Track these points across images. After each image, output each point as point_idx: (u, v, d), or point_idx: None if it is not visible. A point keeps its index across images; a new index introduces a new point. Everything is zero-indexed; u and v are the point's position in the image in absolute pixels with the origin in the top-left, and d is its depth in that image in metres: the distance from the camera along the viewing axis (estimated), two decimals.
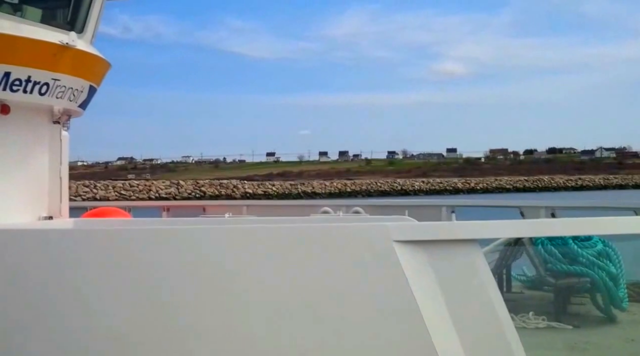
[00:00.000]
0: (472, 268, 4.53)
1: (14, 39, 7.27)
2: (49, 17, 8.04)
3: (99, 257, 5.12)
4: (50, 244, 5.35)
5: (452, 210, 9.85)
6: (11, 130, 7.67)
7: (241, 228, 5.35)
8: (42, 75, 7.59)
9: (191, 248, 4.98)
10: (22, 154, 7.89)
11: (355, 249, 4.65)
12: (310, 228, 5.15)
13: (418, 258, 4.54)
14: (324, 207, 9.73)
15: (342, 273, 4.64)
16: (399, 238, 4.56)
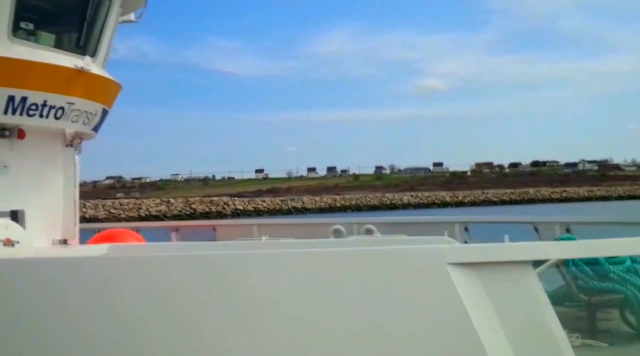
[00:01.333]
0: (527, 290, 4.45)
1: (30, 64, 7.27)
2: (62, 42, 8.15)
3: (149, 284, 4.97)
4: (98, 272, 5.17)
5: (466, 226, 9.72)
6: (27, 155, 7.60)
7: (294, 254, 5.23)
8: (58, 100, 7.55)
9: (243, 274, 4.84)
10: (37, 178, 7.78)
11: (408, 272, 4.58)
12: (364, 252, 5.04)
13: (472, 280, 4.45)
14: (335, 225, 9.57)
15: (396, 296, 4.54)
16: (453, 261, 4.49)
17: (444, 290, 4.43)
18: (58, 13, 8.46)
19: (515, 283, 4.46)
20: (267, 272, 4.81)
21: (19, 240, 6.26)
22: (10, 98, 7.17)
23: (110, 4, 8.41)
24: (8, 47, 7.18)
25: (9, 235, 6.14)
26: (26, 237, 6.52)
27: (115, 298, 4.97)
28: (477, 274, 4.47)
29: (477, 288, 4.44)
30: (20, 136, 7.50)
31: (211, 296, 4.80)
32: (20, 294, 5.13)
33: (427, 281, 4.53)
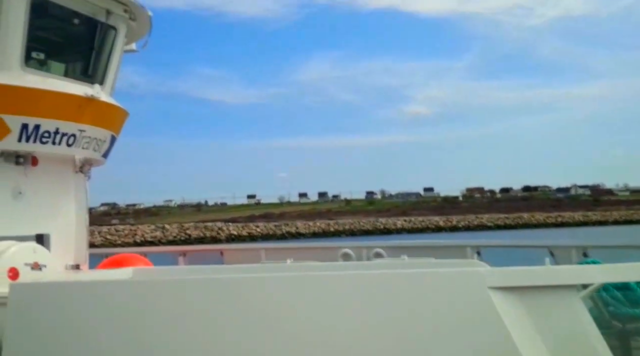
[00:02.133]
0: (574, 315, 4.33)
1: (42, 92, 7.43)
2: (71, 71, 8.38)
3: (180, 307, 4.94)
4: (130, 296, 5.15)
5: (478, 251, 9.50)
6: (40, 181, 7.69)
7: (326, 277, 5.16)
8: (69, 127, 7.72)
9: (285, 296, 4.78)
10: (50, 204, 7.89)
11: (449, 296, 4.48)
12: (401, 275, 4.94)
13: (515, 304, 4.35)
14: (344, 249, 9.49)
15: (437, 320, 4.45)
16: (494, 284, 4.39)
17: (486, 314, 4.32)
18: (67, 43, 8.61)
19: (561, 308, 4.33)
20: (311, 294, 4.75)
21: (46, 263, 6.20)
22: (24, 126, 7.27)
23: (116, 33, 8.62)
24: (21, 77, 7.33)
25: (37, 258, 6.10)
26: (53, 260, 6.49)
27: (154, 320, 4.96)
28: (520, 298, 4.36)
29: (520, 313, 4.32)
30: (34, 163, 7.61)
31: (250, 320, 4.74)
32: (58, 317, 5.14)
33: (468, 305, 4.42)
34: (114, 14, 8.41)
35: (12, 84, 7.17)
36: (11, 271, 5.84)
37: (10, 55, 7.23)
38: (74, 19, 8.13)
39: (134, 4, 8.67)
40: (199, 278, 5.53)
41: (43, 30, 7.83)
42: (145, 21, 9.19)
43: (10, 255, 5.88)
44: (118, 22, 8.57)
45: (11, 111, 7.17)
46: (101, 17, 8.28)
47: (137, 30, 9.30)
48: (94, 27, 8.29)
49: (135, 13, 8.83)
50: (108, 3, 8.30)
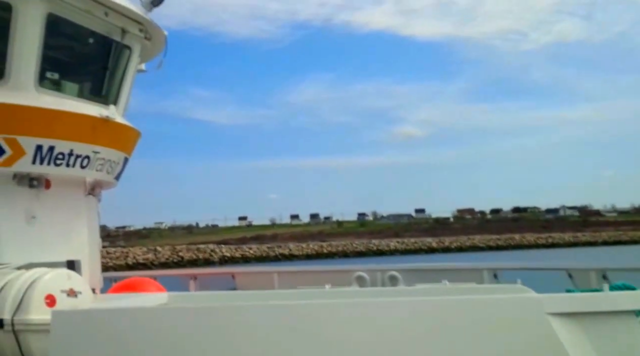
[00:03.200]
0: (633, 339, 4.34)
1: (57, 113, 7.22)
2: (85, 91, 8.13)
3: (224, 333, 4.87)
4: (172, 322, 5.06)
5: (495, 273, 9.39)
6: (52, 205, 7.46)
7: (376, 303, 5.10)
8: (84, 149, 7.51)
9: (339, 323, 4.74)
10: (63, 228, 7.68)
11: (508, 322, 4.45)
12: (464, 301, 4.85)
13: (574, 330, 4.33)
14: (358, 272, 9.32)
15: (498, 346, 4.42)
16: (553, 311, 4.38)
17: (546, 340, 4.30)
18: (81, 63, 8.45)
19: (621, 333, 4.33)
20: (376, 321, 4.71)
21: (81, 290, 6.16)
22: (38, 147, 7.08)
23: (130, 52, 8.48)
24: (35, 97, 7.16)
25: (72, 285, 6.03)
26: (86, 287, 6.41)
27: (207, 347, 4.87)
28: (580, 324, 4.34)
29: (579, 339, 4.31)
30: (47, 186, 7.42)
31: (318, 347, 4.69)
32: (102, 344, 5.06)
33: (528, 331, 4.40)
34: (130, 33, 8.24)
35: (26, 104, 6.97)
36: (48, 298, 5.73)
37: (24, 75, 7.05)
38: (89, 38, 7.99)
39: (150, 23, 8.47)
40: (264, 304, 5.35)
41: (58, 49, 7.65)
42: (160, 41, 8.96)
43: (47, 282, 5.78)
44: (133, 42, 8.40)
45: (25, 132, 6.96)
46: (116, 37, 8.11)
47: (150, 50, 9.07)
48: (109, 46, 8.11)
49: (150, 32, 8.65)
50: (124, 22, 8.13)
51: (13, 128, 6.88)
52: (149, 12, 8.37)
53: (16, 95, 6.94)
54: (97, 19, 7.77)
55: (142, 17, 8.32)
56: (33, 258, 6.57)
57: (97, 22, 7.81)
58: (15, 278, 5.61)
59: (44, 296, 5.64)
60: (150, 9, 8.35)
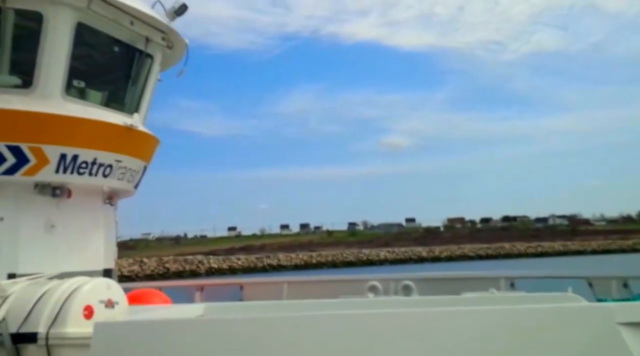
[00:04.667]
0: None
1: (83, 121, 7.21)
2: (108, 100, 8.14)
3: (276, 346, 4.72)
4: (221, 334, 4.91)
5: (512, 282, 9.27)
6: (71, 214, 7.40)
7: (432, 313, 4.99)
8: (107, 157, 7.50)
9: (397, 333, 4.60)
10: (81, 237, 7.60)
11: (577, 332, 4.34)
12: (531, 311, 4.73)
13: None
14: (371, 282, 9.17)
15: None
16: (624, 320, 4.27)
17: (617, 351, 4.21)
18: (105, 71, 8.42)
19: None
20: (437, 331, 4.56)
21: (118, 301, 5.91)
22: (62, 156, 7.02)
23: (152, 61, 8.47)
24: (62, 106, 7.11)
25: (111, 295, 5.76)
26: (123, 297, 6.15)
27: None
28: None
29: None
30: (68, 195, 7.33)
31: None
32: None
33: (598, 341, 4.30)
34: (153, 42, 8.28)
35: (53, 112, 6.94)
36: (86, 309, 5.45)
37: (52, 84, 7.05)
38: (115, 47, 8.02)
39: (172, 31, 8.51)
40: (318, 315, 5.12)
41: (84, 58, 7.66)
42: (181, 49, 8.99)
43: (86, 292, 5.50)
44: (155, 50, 8.44)
45: (50, 141, 6.92)
46: (140, 45, 8.14)
47: (170, 59, 9.09)
48: (133, 55, 8.16)
49: (172, 41, 8.67)
50: (148, 30, 8.15)
51: (38, 137, 6.85)
52: (172, 21, 8.43)
53: (43, 103, 6.94)
54: (122, 28, 7.83)
55: (166, 26, 8.37)
56: (51, 268, 6.44)
57: (122, 30, 7.86)
58: (54, 288, 5.36)
59: (82, 307, 5.38)
60: (173, 18, 8.41)
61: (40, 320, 5.31)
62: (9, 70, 7.07)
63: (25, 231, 6.94)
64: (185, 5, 8.43)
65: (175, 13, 8.38)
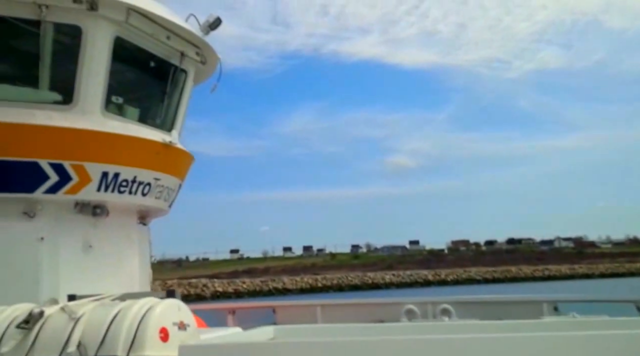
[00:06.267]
0: None
1: (123, 138, 7.10)
2: (144, 116, 7.98)
3: None
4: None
5: (555, 306, 8.88)
6: (108, 233, 7.23)
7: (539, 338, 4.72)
8: (146, 175, 7.38)
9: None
10: (116, 258, 7.45)
11: None
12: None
13: None
14: (407, 305, 8.93)
15: None
16: None
17: None
18: (142, 87, 8.37)
19: None
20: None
21: (189, 323, 5.67)
22: (104, 174, 6.90)
23: (186, 76, 8.37)
24: (102, 122, 6.98)
25: (182, 317, 5.51)
26: (193, 319, 5.92)
27: None
28: None
29: None
30: (107, 214, 7.20)
31: None
32: None
33: None
34: (187, 57, 8.16)
35: (94, 129, 6.82)
36: (162, 331, 5.21)
37: (92, 100, 6.92)
38: (151, 62, 7.87)
39: (207, 46, 8.36)
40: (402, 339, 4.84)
41: (121, 73, 7.55)
42: (213, 65, 8.82)
43: (160, 314, 5.28)
44: (189, 66, 8.34)
45: (92, 158, 6.79)
46: (175, 60, 8.04)
47: (201, 74, 8.92)
48: (168, 70, 8.03)
49: (206, 56, 8.51)
50: (183, 45, 8.05)
51: (80, 155, 6.73)
52: (206, 36, 8.29)
53: (84, 119, 6.82)
54: (159, 43, 7.72)
55: (201, 41, 8.25)
56: (89, 290, 6.15)
57: (159, 45, 7.76)
58: (126, 309, 5.20)
59: (158, 329, 5.17)
60: (207, 32, 8.28)
61: (117, 343, 5.08)
62: (49, 86, 6.91)
63: (64, 251, 6.79)
64: (220, 19, 8.30)
65: (210, 27, 8.27)
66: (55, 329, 4.76)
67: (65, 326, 4.76)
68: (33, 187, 6.60)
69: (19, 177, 6.56)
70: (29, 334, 4.72)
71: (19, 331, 4.72)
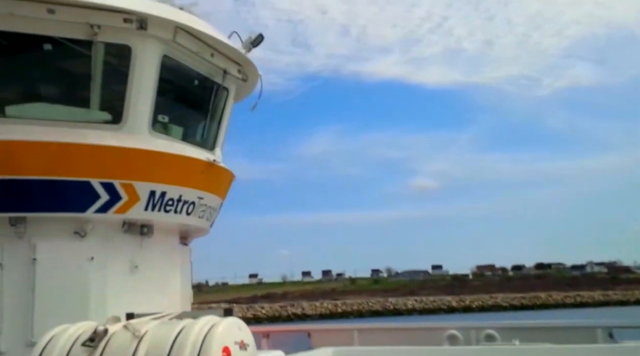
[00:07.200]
0: None
1: (170, 157, 7.14)
2: (188, 134, 8.04)
3: None
4: None
5: (610, 332, 8.53)
6: (152, 254, 7.23)
7: None
8: (191, 194, 7.39)
9: None
10: (159, 278, 7.47)
11: None
12: None
13: None
14: (450, 331, 8.81)
15: None
16: None
17: None
18: (186, 105, 8.37)
19: None
20: None
21: (249, 343, 5.56)
22: (152, 193, 6.97)
23: (228, 94, 8.40)
24: (150, 141, 7.06)
25: (243, 337, 5.43)
26: (252, 339, 5.77)
27: None
28: None
29: None
30: (152, 233, 7.21)
31: None
32: None
33: None
34: (230, 75, 8.22)
35: (142, 148, 6.92)
36: (225, 350, 5.20)
37: (140, 119, 7.00)
38: (195, 80, 8.02)
39: (249, 63, 8.44)
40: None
41: (167, 91, 7.55)
42: (254, 82, 8.89)
43: (222, 333, 5.19)
44: (231, 83, 8.41)
45: (141, 177, 6.89)
46: (218, 78, 8.11)
47: (241, 92, 8.95)
48: (211, 88, 8.11)
49: (247, 73, 8.59)
50: (226, 63, 8.12)
51: (130, 174, 6.84)
52: (247, 52, 8.34)
53: (133, 138, 6.92)
54: (203, 61, 7.79)
55: (244, 58, 8.33)
56: (134, 310, 6.05)
57: (203, 63, 7.83)
58: (188, 327, 5.16)
59: (221, 348, 5.19)
60: (249, 49, 8.34)
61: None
62: (99, 105, 6.97)
63: (112, 271, 6.88)
64: (262, 35, 8.30)
65: (252, 44, 8.30)
66: (120, 347, 4.78)
67: (130, 344, 4.78)
68: (85, 207, 6.65)
69: (71, 196, 6.61)
70: (95, 352, 4.73)
71: (85, 349, 4.74)
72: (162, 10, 7.12)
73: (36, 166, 6.48)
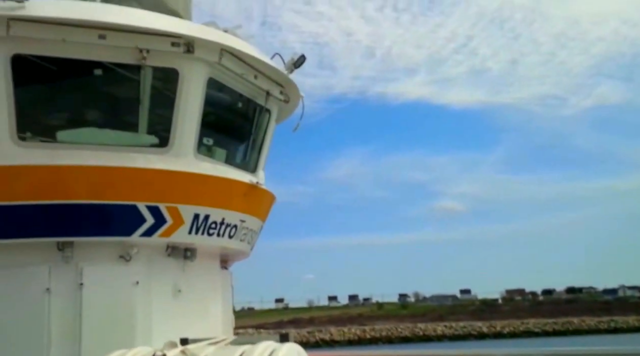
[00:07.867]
0: None
1: (214, 180, 7.10)
2: (230, 157, 7.97)
3: None
4: None
5: None
6: (194, 278, 7.16)
7: None
8: (234, 217, 7.32)
9: None
10: (201, 303, 7.41)
11: None
12: None
13: None
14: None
15: None
16: None
17: None
18: (229, 127, 8.28)
19: None
20: None
21: None
22: (196, 216, 6.91)
23: (270, 116, 8.32)
24: (195, 164, 7.02)
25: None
26: None
27: None
28: None
29: None
30: (194, 257, 7.17)
31: None
32: None
33: None
34: (272, 96, 8.15)
35: (188, 171, 6.88)
36: None
37: (187, 142, 6.98)
38: (238, 102, 7.97)
39: (292, 84, 8.36)
40: None
41: (212, 114, 7.52)
42: (296, 103, 8.77)
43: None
44: (273, 105, 8.32)
45: (185, 200, 6.84)
46: (260, 100, 8.04)
47: (283, 114, 8.84)
48: (253, 110, 8.07)
49: (289, 94, 8.49)
50: (269, 84, 8.05)
51: (175, 197, 6.80)
52: (290, 74, 8.29)
53: (179, 162, 6.91)
54: (247, 83, 7.78)
55: (287, 79, 8.26)
56: (177, 335, 6.18)
57: (246, 85, 7.81)
58: (249, 352, 5.24)
59: None
60: (292, 71, 8.29)
61: None
62: (147, 129, 6.98)
63: (156, 296, 6.80)
64: (304, 56, 8.27)
65: (294, 65, 8.24)
66: None
67: None
68: (131, 230, 6.60)
69: (117, 220, 6.57)
70: None
71: None
72: (209, 33, 7.11)
73: (85, 190, 6.44)
